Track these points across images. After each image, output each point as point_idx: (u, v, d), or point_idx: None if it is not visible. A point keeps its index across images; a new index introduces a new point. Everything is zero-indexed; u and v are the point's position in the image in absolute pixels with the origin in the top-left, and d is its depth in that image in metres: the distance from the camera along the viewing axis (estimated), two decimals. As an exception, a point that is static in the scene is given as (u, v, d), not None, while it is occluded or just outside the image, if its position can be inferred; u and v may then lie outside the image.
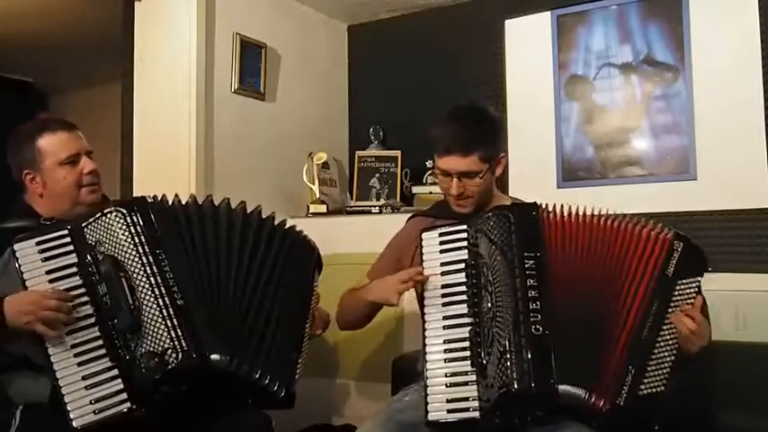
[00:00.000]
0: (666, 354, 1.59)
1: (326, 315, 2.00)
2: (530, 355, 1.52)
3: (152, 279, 1.63)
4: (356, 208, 3.22)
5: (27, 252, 1.64)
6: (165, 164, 2.76)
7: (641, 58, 2.82)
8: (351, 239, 2.91)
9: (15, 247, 1.63)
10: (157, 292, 1.62)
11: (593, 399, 1.52)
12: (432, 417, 1.60)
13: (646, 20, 2.81)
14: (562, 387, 1.51)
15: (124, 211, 1.69)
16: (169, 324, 1.59)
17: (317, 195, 3.16)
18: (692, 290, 1.66)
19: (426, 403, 1.61)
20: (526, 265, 1.61)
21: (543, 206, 1.71)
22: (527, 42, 3.05)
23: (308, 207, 3.15)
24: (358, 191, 3.34)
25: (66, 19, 3.64)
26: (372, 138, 3.42)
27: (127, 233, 1.66)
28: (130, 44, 2.89)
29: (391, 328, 2.88)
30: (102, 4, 3.30)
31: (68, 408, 1.54)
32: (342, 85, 3.57)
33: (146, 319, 1.61)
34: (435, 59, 3.31)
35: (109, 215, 1.68)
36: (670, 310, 1.62)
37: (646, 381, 1.55)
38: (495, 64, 3.12)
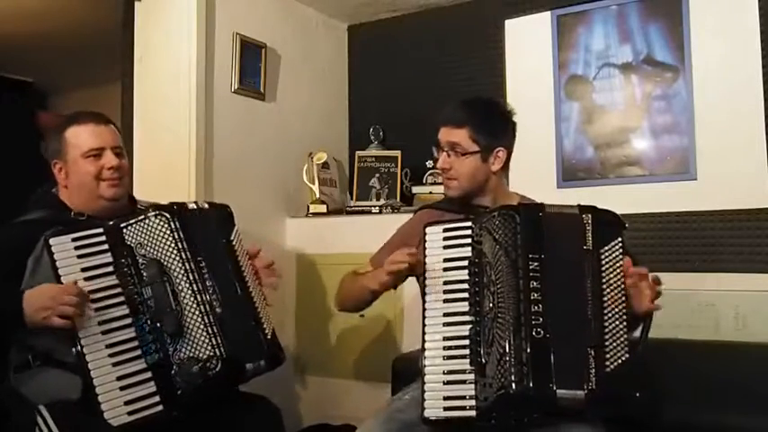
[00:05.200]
0: (617, 323, 1.58)
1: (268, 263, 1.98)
2: (529, 358, 1.52)
3: (194, 286, 1.67)
4: (356, 208, 3.22)
5: (63, 247, 1.64)
6: (165, 164, 2.76)
7: (641, 58, 2.82)
8: (351, 239, 2.92)
9: (51, 241, 1.63)
10: (199, 299, 1.67)
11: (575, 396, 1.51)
12: (428, 413, 1.60)
13: (646, 20, 2.81)
14: (561, 391, 1.51)
15: (168, 216, 1.72)
16: (210, 331, 1.64)
17: (317, 195, 3.16)
18: (618, 253, 1.65)
19: (423, 400, 1.61)
20: (530, 267, 1.60)
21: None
22: (527, 42, 3.05)
23: (308, 207, 3.15)
24: (358, 191, 3.34)
25: (66, 19, 3.64)
26: (372, 138, 3.42)
27: (170, 238, 1.70)
28: (130, 44, 2.88)
29: (391, 328, 2.88)
30: (102, 4, 3.29)
31: (102, 408, 1.56)
32: (342, 85, 3.57)
33: (187, 324, 1.64)
34: (435, 59, 3.31)
35: (152, 218, 1.71)
36: (604, 281, 1.61)
37: (608, 357, 1.54)
38: (495, 64, 3.11)
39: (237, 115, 2.94)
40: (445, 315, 1.67)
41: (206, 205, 1.88)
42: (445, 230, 1.75)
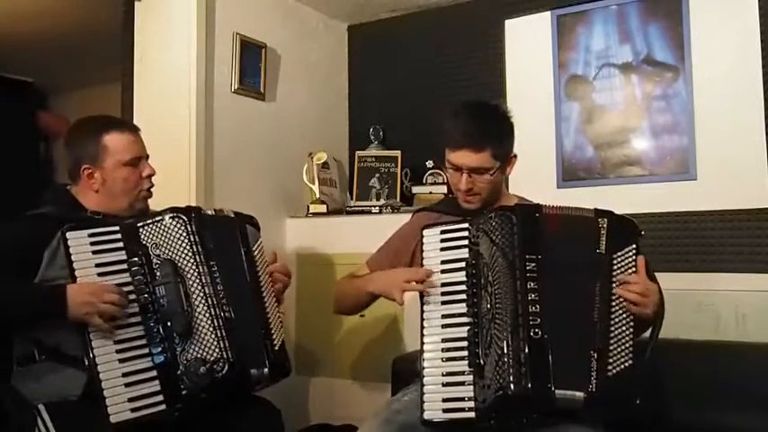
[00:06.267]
0: (624, 328, 1.58)
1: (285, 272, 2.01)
2: (528, 359, 1.52)
3: (206, 289, 1.69)
4: (356, 208, 3.22)
5: (79, 242, 1.67)
6: (165, 164, 2.73)
7: (641, 58, 2.81)
8: (351, 239, 2.92)
9: (68, 235, 1.66)
10: (209, 302, 1.68)
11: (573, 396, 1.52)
12: (427, 416, 1.61)
13: (646, 20, 2.81)
14: (559, 391, 1.51)
15: (185, 219, 1.74)
16: (218, 335, 1.66)
17: (317, 195, 3.16)
18: (630, 259, 1.65)
19: (422, 402, 1.61)
20: (527, 267, 1.60)
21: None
22: (527, 42, 3.05)
23: (308, 207, 3.15)
24: (358, 191, 3.34)
25: (67, 19, 3.64)
26: (372, 138, 3.42)
27: (186, 241, 1.72)
28: (130, 44, 2.88)
29: (391, 328, 2.88)
30: (101, 5, 3.29)
31: (107, 403, 1.57)
32: (342, 85, 3.57)
33: (196, 326, 1.66)
34: (435, 59, 3.31)
35: (168, 220, 1.73)
36: (614, 285, 1.61)
37: (611, 361, 1.54)
38: (495, 64, 3.11)
39: (237, 115, 2.94)
40: (443, 317, 1.67)
41: (231, 214, 1.90)
42: (442, 233, 1.75)
